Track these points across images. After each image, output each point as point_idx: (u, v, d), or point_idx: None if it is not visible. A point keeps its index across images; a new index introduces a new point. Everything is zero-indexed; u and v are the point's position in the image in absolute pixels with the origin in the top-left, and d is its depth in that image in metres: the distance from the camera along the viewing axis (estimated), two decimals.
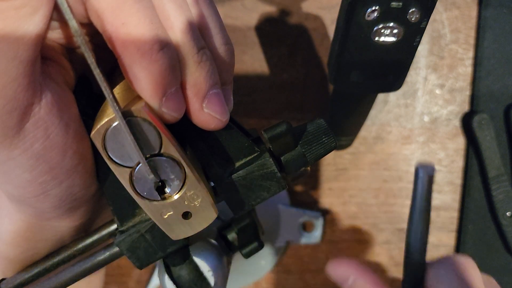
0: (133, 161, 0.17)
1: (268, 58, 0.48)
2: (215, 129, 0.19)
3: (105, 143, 0.16)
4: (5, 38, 0.14)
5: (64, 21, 0.17)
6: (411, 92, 0.48)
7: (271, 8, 0.47)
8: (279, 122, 0.20)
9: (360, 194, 0.49)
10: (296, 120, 0.48)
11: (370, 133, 0.48)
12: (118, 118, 0.16)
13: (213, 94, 0.18)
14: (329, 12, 0.47)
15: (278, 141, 0.20)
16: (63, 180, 0.18)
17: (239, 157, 0.20)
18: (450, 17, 0.48)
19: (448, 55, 0.48)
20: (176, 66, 0.17)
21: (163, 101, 0.16)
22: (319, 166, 0.49)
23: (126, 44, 0.16)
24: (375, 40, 0.30)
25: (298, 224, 0.48)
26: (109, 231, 0.22)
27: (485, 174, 0.47)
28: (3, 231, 0.22)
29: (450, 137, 0.48)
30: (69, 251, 0.22)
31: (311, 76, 0.48)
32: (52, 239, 0.22)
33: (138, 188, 0.18)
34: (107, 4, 0.15)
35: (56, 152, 0.17)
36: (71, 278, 0.22)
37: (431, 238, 0.49)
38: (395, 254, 0.49)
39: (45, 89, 0.16)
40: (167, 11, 0.17)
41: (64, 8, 0.14)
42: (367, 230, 0.49)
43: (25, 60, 0.15)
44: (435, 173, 0.42)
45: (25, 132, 0.16)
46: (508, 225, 0.47)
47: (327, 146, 0.21)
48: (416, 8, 0.28)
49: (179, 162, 0.17)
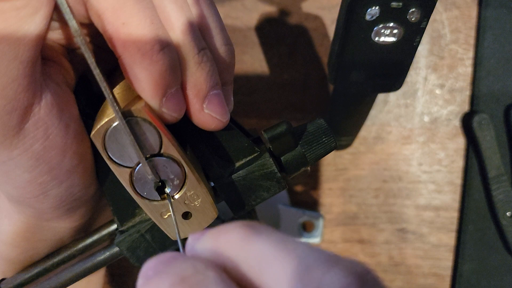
0: (133, 161, 0.17)
1: (268, 58, 0.48)
2: (215, 130, 0.19)
3: (105, 143, 0.16)
4: (6, 39, 0.14)
5: (64, 21, 0.17)
6: (411, 92, 0.48)
7: (271, 8, 0.47)
8: (279, 122, 0.20)
9: (360, 194, 0.49)
10: (296, 120, 0.48)
11: (370, 133, 0.48)
12: (118, 118, 0.16)
13: (213, 94, 0.18)
14: (329, 12, 0.47)
15: (278, 141, 0.20)
16: (63, 180, 0.18)
17: (239, 157, 0.20)
18: (450, 17, 0.48)
19: (448, 55, 0.48)
20: (176, 66, 0.17)
21: (163, 101, 0.17)
22: (319, 166, 0.49)
23: (127, 45, 0.16)
24: (375, 40, 0.30)
25: (298, 224, 0.48)
26: (109, 231, 0.22)
27: (485, 174, 0.47)
28: (2, 231, 0.22)
29: (450, 137, 0.48)
30: (69, 251, 0.22)
31: (311, 76, 0.48)
32: (51, 239, 0.22)
33: (138, 188, 0.18)
34: (108, 4, 0.15)
35: (56, 153, 0.17)
36: (71, 278, 0.22)
37: (431, 238, 0.49)
38: (395, 254, 0.49)
39: (45, 89, 0.16)
40: (168, 12, 0.17)
41: (64, 8, 0.14)
42: (367, 230, 0.49)
43: (26, 60, 0.15)
44: None
45: (25, 132, 0.16)
46: (508, 225, 0.47)
47: (327, 146, 0.21)
48: (416, 8, 0.28)
49: (179, 162, 0.17)
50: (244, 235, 0.12)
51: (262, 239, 0.12)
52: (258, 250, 0.11)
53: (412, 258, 0.49)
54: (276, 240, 0.12)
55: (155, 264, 0.12)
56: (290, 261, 0.11)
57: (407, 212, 0.49)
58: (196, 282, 0.11)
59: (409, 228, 0.49)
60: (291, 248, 0.11)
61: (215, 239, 0.13)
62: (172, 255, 0.12)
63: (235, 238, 0.12)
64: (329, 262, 0.11)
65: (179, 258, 0.12)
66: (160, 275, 0.11)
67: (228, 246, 0.12)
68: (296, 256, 0.11)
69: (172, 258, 0.12)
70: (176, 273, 0.11)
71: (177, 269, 0.11)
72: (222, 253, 0.12)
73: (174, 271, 0.11)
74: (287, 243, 0.11)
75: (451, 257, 0.49)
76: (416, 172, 0.48)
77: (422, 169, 0.48)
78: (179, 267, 0.11)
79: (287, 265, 0.11)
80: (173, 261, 0.12)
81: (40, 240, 0.22)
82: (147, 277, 0.12)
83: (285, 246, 0.11)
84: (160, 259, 0.12)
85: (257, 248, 0.11)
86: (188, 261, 0.12)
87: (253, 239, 0.12)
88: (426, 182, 0.48)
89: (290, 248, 0.11)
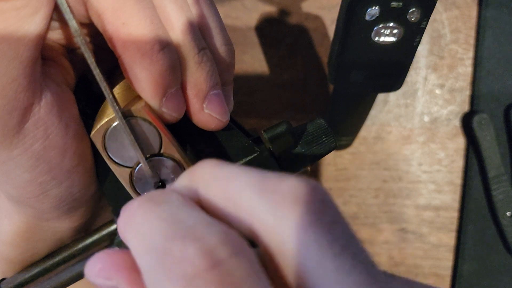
0: (133, 161, 0.17)
1: (268, 58, 0.48)
2: (216, 130, 0.19)
3: (105, 143, 0.16)
4: (6, 39, 0.14)
5: (64, 21, 0.17)
6: (411, 92, 0.48)
7: (271, 8, 0.47)
8: (279, 122, 0.20)
9: (360, 194, 0.49)
10: (296, 120, 0.48)
11: (370, 133, 0.48)
12: (118, 118, 0.16)
13: (213, 94, 0.18)
14: (329, 12, 0.47)
15: (278, 141, 0.20)
16: (63, 180, 0.18)
17: (239, 157, 0.20)
18: (450, 17, 0.48)
19: (448, 55, 0.48)
20: (176, 66, 0.17)
21: (163, 101, 0.17)
22: (319, 166, 0.49)
23: (127, 44, 0.16)
24: (375, 40, 0.30)
25: None
26: (109, 231, 0.22)
27: (485, 174, 0.47)
28: (2, 231, 0.22)
29: (450, 137, 0.48)
30: (69, 251, 0.22)
31: (311, 76, 0.48)
32: (51, 239, 0.22)
33: (138, 188, 0.18)
34: (108, 4, 0.15)
35: (56, 152, 0.17)
36: (71, 278, 0.22)
37: (431, 238, 0.49)
38: (395, 254, 0.49)
39: (45, 89, 0.16)
40: (168, 12, 0.17)
41: (64, 8, 0.14)
42: (367, 230, 0.49)
43: (26, 60, 0.15)
44: None
45: (25, 132, 0.16)
46: (508, 225, 0.47)
47: (327, 146, 0.21)
48: (416, 8, 0.28)
49: (179, 162, 0.17)
50: (213, 168, 0.14)
51: (228, 168, 0.14)
52: (223, 177, 0.13)
53: (412, 258, 0.49)
54: (239, 168, 0.14)
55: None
56: (250, 177, 0.13)
57: (407, 212, 0.49)
58: (160, 198, 0.13)
59: (409, 228, 0.49)
60: (249, 170, 0.13)
61: (190, 176, 0.14)
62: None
63: (205, 171, 0.14)
64: (285, 175, 0.13)
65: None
66: (136, 199, 0.14)
67: (200, 180, 0.14)
68: (255, 174, 0.13)
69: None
70: (147, 195, 0.14)
71: (150, 194, 0.14)
72: (196, 187, 0.14)
73: (147, 195, 0.14)
74: (246, 169, 0.13)
75: (451, 257, 0.49)
76: (416, 172, 0.48)
77: (422, 169, 0.48)
78: (151, 193, 0.14)
79: (248, 180, 0.13)
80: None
81: (40, 240, 0.22)
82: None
83: (245, 170, 0.13)
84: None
85: (223, 176, 0.13)
86: (159, 190, 0.14)
87: (220, 170, 0.14)
88: (426, 182, 0.48)
89: (248, 170, 0.13)
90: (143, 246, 0.12)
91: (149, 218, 0.13)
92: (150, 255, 0.12)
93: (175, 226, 0.12)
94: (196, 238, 0.11)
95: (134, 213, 0.13)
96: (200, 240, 0.11)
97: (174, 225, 0.12)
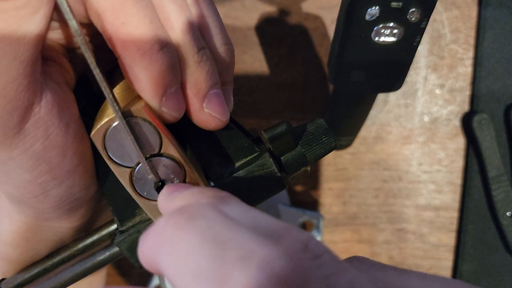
0: (133, 161, 0.17)
1: (268, 58, 0.48)
2: (215, 129, 0.19)
3: (105, 143, 0.16)
4: (6, 38, 0.14)
5: (64, 21, 0.17)
6: (411, 92, 0.48)
7: (271, 8, 0.47)
8: (279, 122, 0.20)
9: (360, 194, 0.49)
10: (296, 120, 0.48)
11: (370, 133, 0.48)
12: (118, 118, 0.16)
13: (213, 94, 0.18)
14: (329, 12, 0.47)
15: (278, 141, 0.20)
16: (63, 180, 0.18)
17: (239, 157, 0.20)
18: (450, 17, 0.48)
19: (448, 55, 0.48)
20: (176, 66, 0.17)
21: (163, 101, 0.16)
22: (319, 166, 0.49)
23: (126, 44, 0.16)
24: (375, 40, 0.30)
25: (298, 224, 0.48)
26: (109, 231, 0.22)
27: (485, 174, 0.47)
28: (3, 231, 0.22)
29: (450, 137, 0.48)
30: (69, 251, 0.22)
31: (311, 76, 0.48)
32: (52, 239, 0.22)
33: (138, 188, 0.18)
34: (107, 4, 0.15)
35: (56, 152, 0.17)
36: (71, 278, 0.22)
37: (431, 238, 0.49)
38: (395, 254, 0.49)
39: (45, 89, 0.16)
40: (168, 11, 0.17)
41: (64, 8, 0.14)
42: (367, 230, 0.49)
43: (26, 60, 0.15)
44: None
45: (25, 132, 0.16)
46: (508, 225, 0.47)
47: (327, 146, 0.21)
48: (416, 8, 0.28)
49: (179, 162, 0.17)
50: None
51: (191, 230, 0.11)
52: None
53: (412, 258, 0.49)
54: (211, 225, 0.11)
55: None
56: (209, 253, 0.10)
57: (407, 212, 0.49)
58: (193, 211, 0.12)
59: (409, 228, 0.49)
60: (226, 235, 0.11)
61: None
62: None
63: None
64: (245, 259, 0.10)
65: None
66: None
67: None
68: (218, 245, 0.11)
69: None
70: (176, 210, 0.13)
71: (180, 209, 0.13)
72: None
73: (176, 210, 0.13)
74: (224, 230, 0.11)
75: (451, 257, 0.49)
76: (416, 172, 0.48)
77: (422, 169, 0.48)
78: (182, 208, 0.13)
79: (205, 258, 0.10)
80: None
81: (41, 240, 0.22)
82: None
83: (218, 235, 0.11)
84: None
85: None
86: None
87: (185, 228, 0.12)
88: (426, 182, 0.48)
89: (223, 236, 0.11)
90: (187, 270, 0.11)
91: (185, 236, 0.11)
92: (199, 283, 0.10)
93: (222, 245, 0.10)
94: (252, 257, 0.10)
95: (164, 230, 0.12)
96: (261, 260, 0.10)
97: (219, 244, 0.10)
